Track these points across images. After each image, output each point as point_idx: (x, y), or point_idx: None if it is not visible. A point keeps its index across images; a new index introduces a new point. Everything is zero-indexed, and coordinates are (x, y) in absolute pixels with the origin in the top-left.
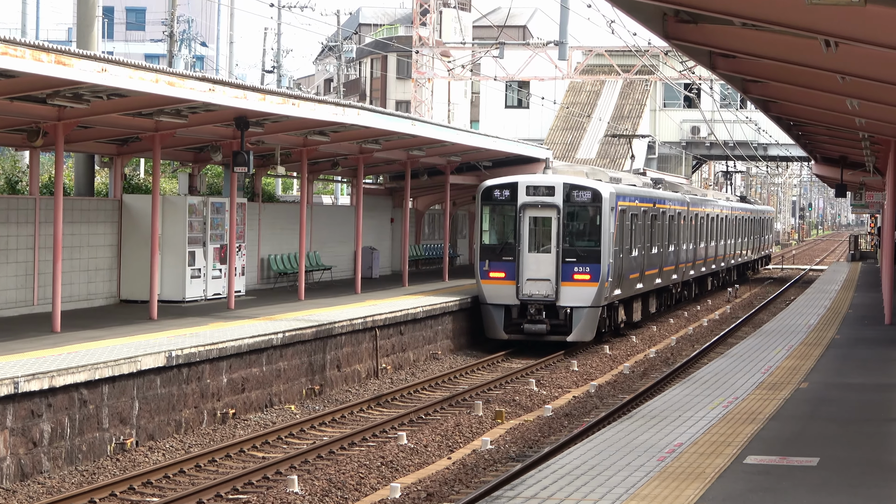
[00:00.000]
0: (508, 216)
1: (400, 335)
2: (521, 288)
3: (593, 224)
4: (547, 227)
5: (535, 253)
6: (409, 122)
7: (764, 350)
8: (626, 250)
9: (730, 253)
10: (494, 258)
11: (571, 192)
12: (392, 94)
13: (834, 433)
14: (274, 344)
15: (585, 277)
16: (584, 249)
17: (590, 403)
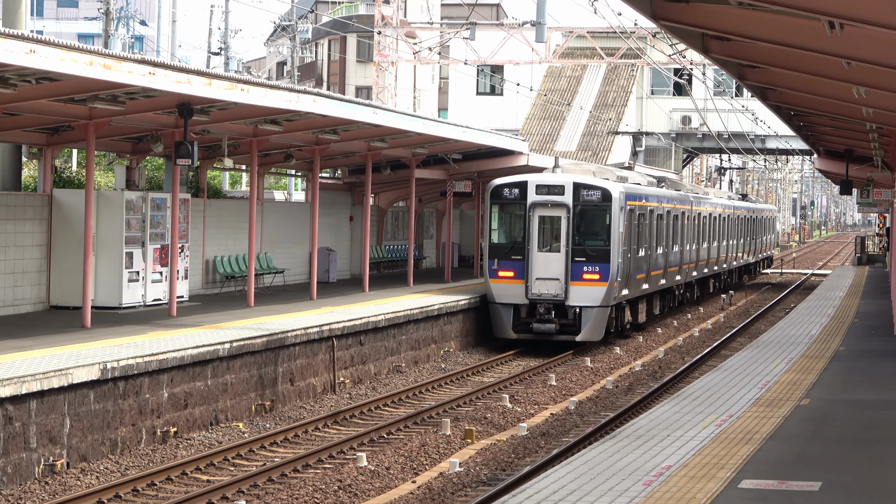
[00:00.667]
0: (518, 215)
1: (360, 346)
2: (530, 287)
3: (603, 223)
4: (556, 227)
5: (545, 252)
6: (370, 111)
7: (761, 363)
8: (634, 250)
9: (732, 254)
10: (503, 257)
11: (581, 191)
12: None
13: (838, 455)
14: (220, 355)
15: (595, 277)
16: (593, 249)
17: (569, 421)
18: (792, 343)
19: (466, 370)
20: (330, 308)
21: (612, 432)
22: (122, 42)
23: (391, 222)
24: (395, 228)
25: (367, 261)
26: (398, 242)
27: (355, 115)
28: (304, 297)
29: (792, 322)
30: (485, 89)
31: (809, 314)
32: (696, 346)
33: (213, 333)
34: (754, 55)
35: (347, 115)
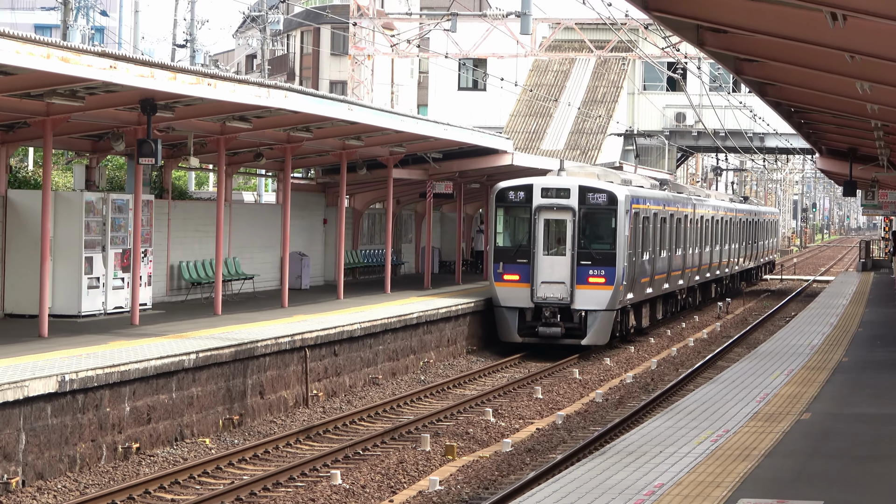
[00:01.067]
0: (523, 218)
1: (334, 356)
2: (535, 290)
3: (608, 227)
4: (562, 230)
5: (550, 255)
6: (345, 107)
7: (759, 375)
8: (639, 254)
9: (734, 258)
10: (508, 260)
11: (586, 194)
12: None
13: (841, 472)
14: (185, 366)
15: (600, 280)
16: (599, 252)
17: (556, 437)
18: (792, 354)
19: (447, 382)
20: (302, 316)
21: (602, 448)
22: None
23: (367, 225)
24: (372, 232)
25: (341, 266)
26: (375, 247)
27: (329, 111)
28: (275, 304)
29: (792, 331)
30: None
31: (811, 323)
32: (690, 356)
33: (178, 343)
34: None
35: (321, 112)
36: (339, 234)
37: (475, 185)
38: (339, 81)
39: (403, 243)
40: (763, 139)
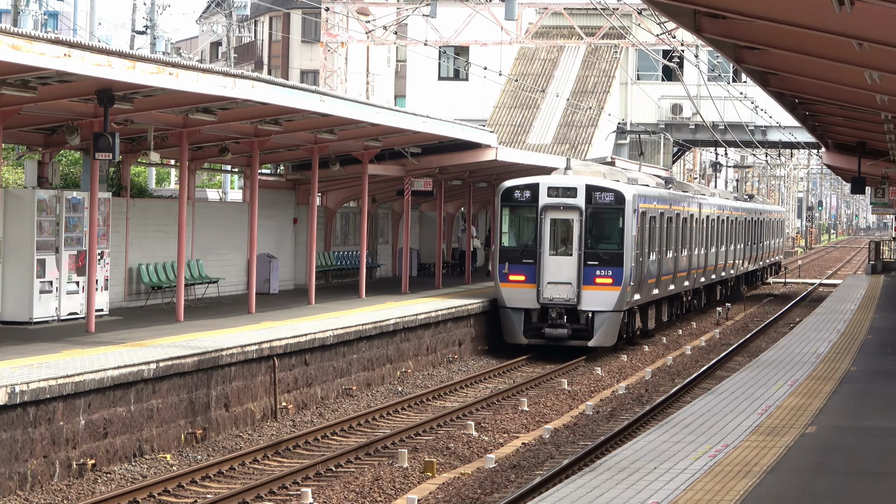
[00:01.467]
0: (529, 218)
1: (305, 366)
2: (541, 291)
3: (616, 226)
4: (568, 229)
5: (557, 256)
6: (316, 98)
7: (761, 385)
8: (646, 254)
9: (739, 259)
10: (514, 261)
11: (594, 193)
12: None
13: (849, 490)
14: (145, 377)
15: (608, 281)
16: (606, 252)
17: (543, 452)
18: (796, 363)
19: (427, 393)
20: (270, 323)
21: (592, 464)
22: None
23: (341, 225)
24: (346, 232)
25: (312, 269)
26: (349, 248)
27: (300, 102)
28: (241, 310)
29: (796, 339)
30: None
31: (816, 330)
32: (687, 365)
33: (137, 352)
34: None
35: (291, 103)
36: (310, 235)
37: (456, 182)
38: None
39: (379, 244)
40: (765, 132)
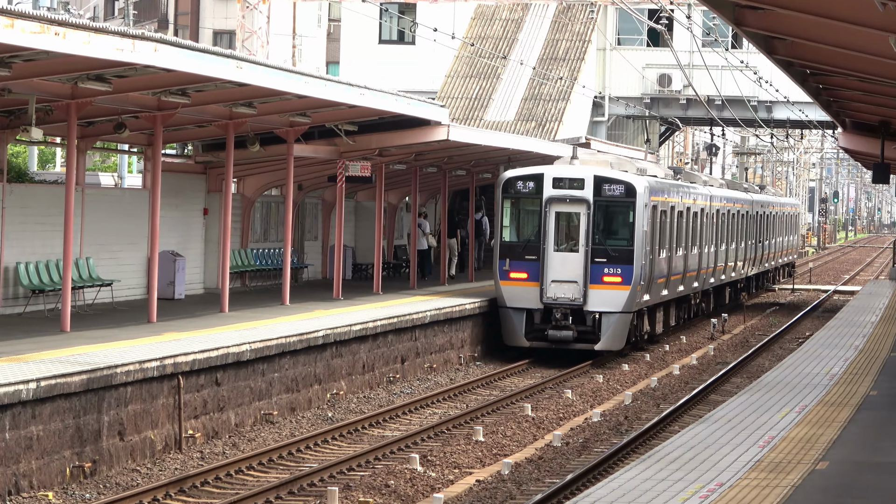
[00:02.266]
0: (532, 211)
1: (216, 386)
2: (545, 290)
3: (626, 221)
4: (575, 224)
5: (562, 252)
6: (232, 64)
7: (763, 412)
8: (657, 251)
9: (750, 257)
10: (516, 257)
11: (602, 185)
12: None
13: None
14: (22, 398)
15: (616, 280)
16: (615, 249)
17: (501, 491)
18: (805, 385)
19: (363, 420)
20: (175, 334)
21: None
22: None
23: (261, 217)
24: (267, 226)
25: (226, 270)
26: (270, 245)
27: (212, 69)
28: (140, 318)
29: (806, 357)
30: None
31: (830, 346)
32: (675, 388)
33: (14, 368)
34: None
35: (201, 70)
36: (223, 229)
37: (400, 167)
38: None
39: (307, 241)
40: (770, 109)
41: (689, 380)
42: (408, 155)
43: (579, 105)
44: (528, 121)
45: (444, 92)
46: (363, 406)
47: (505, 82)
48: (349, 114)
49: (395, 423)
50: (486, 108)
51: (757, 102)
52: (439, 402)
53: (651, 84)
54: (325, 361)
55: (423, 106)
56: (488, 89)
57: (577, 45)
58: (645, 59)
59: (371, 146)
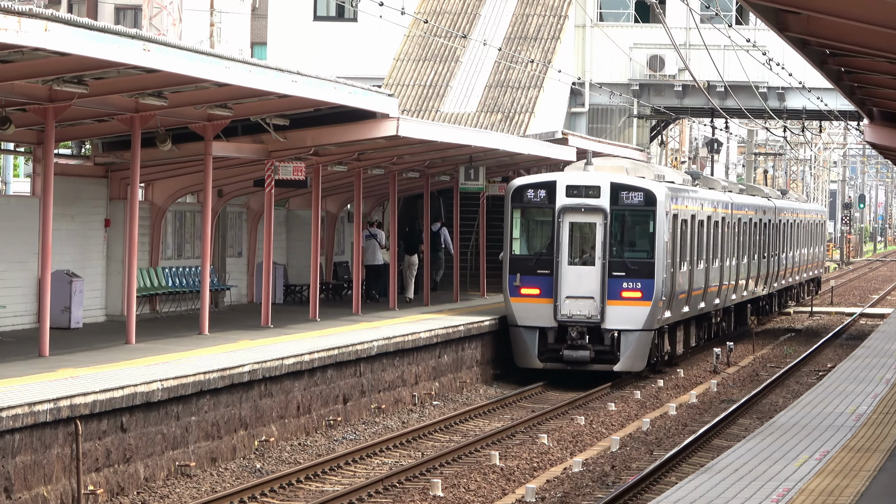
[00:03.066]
0: (544, 222)
1: (121, 432)
2: (559, 307)
3: (646, 231)
4: (590, 235)
5: (577, 265)
6: (138, 46)
7: (776, 460)
8: (678, 264)
9: (773, 271)
10: (527, 272)
11: (620, 192)
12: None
13: None
14: None
15: (636, 295)
16: (634, 262)
17: None
18: (827, 427)
19: (298, 472)
20: (72, 371)
21: None
22: None
23: (174, 229)
24: (181, 240)
25: (132, 293)
26: (185, 263)
27: (114, 52)
28: (29, 352)
29: (827, 393)
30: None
31: (856, 380)
32: (671, 432)
33: None
34: None
35: (101, 54)
36: (129, 244)
37: (340, 168)
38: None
39: (229, 257)
40: (783, 97)
41: (688, 421)
42: (349, 154)
43: (554, 93)
44: (492, 112)
45: (393, 78)
46: (298, 455)
47: (465, 67)
48: (279, 105)
49: (337, 475)
50: (443, 98)
51: (766, 89)
52: (389, 449)
53: (640, 68)
54: (251, 402)
55: (368, 95)
56: (445, 75)
57: (552, 22)
58: (632, 38)
59: (305, 144)
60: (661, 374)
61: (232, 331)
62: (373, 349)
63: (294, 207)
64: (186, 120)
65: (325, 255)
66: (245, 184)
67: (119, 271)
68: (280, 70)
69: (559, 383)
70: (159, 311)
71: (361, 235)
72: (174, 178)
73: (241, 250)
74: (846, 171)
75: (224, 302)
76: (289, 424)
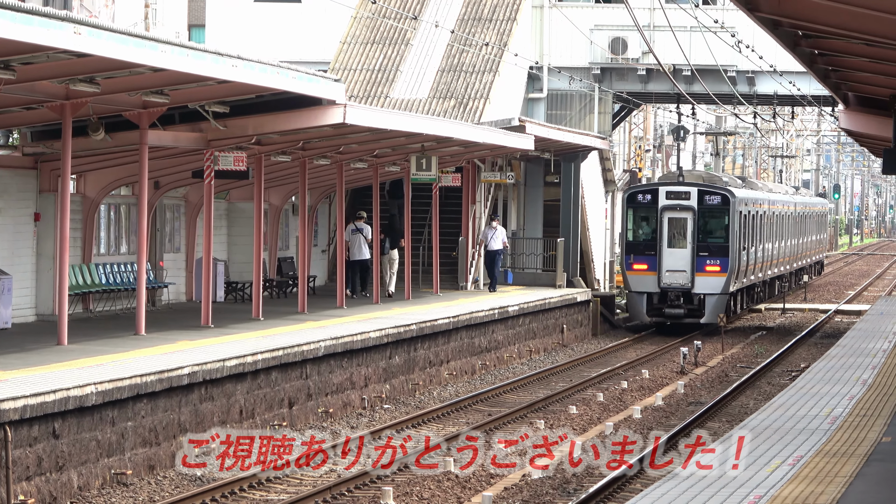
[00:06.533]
0: (650, 217)
1: (53, 438)
2: (661, 278)
3: (722, 223)
4: (683, 226)
5: (673, 248)
6: (69, 29)
7: (747, 465)
8: (745, 247)
9: (796, 253)
10: (638, 253)
11: (704, 195)
12: None
13: None
14: None
15: (716, 269)
16: (714, 245)
17: None
18: (801, 431)
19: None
20: (0, 374)
21: None
22: None
23: (108, 223)
24: (115, 235)
25: (64, 292)
26: (120, 259)
27: (43, 36)
28: None
29: (801, 394)
30: None
31: (831, 380)
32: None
33: None
34: None
35: (29, 38)
36: (60, 240)
37: (284, 158)
38: None
39: (167, 253)
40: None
41: (654, 425)
42: (294, 143)
43: (511, 78)
44: (445, 98)
45: (340, 63)
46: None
47: (416, 50)
48: (219, 91)
49: (283, 483)
50: (393, 83)
51: (735, 73)
52: (338, 456)
53: (601, 51)
54: (191, 406)
55: (313, 81)
56: (395, 59)
57: (508, 2)
58: (593, 19)
59: (247, 132)
60: (626, 377)
61: (170, 331)
62: (320, 350)
63: (235, 200)
64: (120, 107)
65: (268, 251)
66: (183, 175)
67: (50, 268)
68: (219, 54)
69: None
70: (93, 310)
71: (347, 229)
72: (108, 169)
73: (178, 245)
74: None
75: (161, 300)
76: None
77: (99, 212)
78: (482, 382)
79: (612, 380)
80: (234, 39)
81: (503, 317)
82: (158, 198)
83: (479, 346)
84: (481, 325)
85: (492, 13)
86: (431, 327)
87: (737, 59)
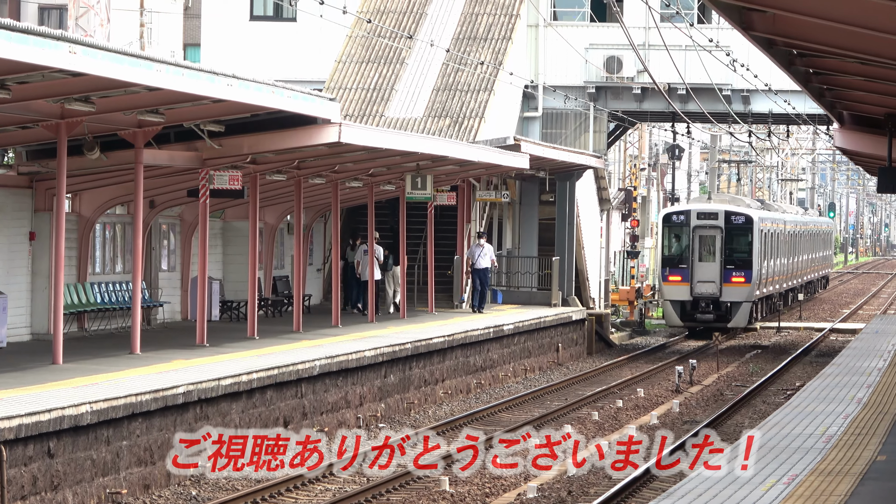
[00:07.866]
0: (683, 235)
1: (48, 458)
2: (693, 287)
3: (747, 241)
4: (712, 243)
5: (703, 262)
6: (64, 48)
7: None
8: (767, 260)
9: (807, 268)
10: (673, 266)
11: (730, 216)
12: None
13: None
14: None
15: (742, 280)
16: (740, 259)
17: None
18: (795, 450)
19: (236, 499)
20: None
21: None
22: None
23: (103, 242)
24: (111, 254)
25: (59, 311)
26: (116, 278)
27: (38, 55)
28: None
29: (796, 413)
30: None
31: (825, 399)
32: None
33: None
34: None
35: (24, 57)
36: (55, 258)
37: (279, 177)
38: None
39: (162, 272)
40: (748, 100)
41: (648, 444)
42: (289, 162)
43: (506, 97)
44: (441, 117)
45: (335, 82)
46: (236, 482)
47: (411, 69)
48: (214, 110)
49: (277, 501)
50: (388, 102)
51: (730, 92)
52: (333, 475)
53: (596, 70)
54: (186, 425)
55: (308, 100)
56: (390, 78)
57: (503, 21)
58: (588, 38)
59: (242, 151)
60: (621, 395)
61: (165, 350)
62: (315, 368)
63: (230, 219)
64: (116, 126)
65: (263, 270)
66: (178, 194)
67: (45, 287)
68: (214, 73)
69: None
70: (88, 329)
71: (359, 249)
72: (103, 188)
73: (174, 264)
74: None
75: (156, 319)
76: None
77: (94, 231)
78: (477, 401)
79: (607, 398)
80: (229, 58)
81: (498, 335)
82: (154, 217)
83: (475, 365)
84: (476, 343)
85: (487, 32)
86: (426, 346)
87: (732, 78)
